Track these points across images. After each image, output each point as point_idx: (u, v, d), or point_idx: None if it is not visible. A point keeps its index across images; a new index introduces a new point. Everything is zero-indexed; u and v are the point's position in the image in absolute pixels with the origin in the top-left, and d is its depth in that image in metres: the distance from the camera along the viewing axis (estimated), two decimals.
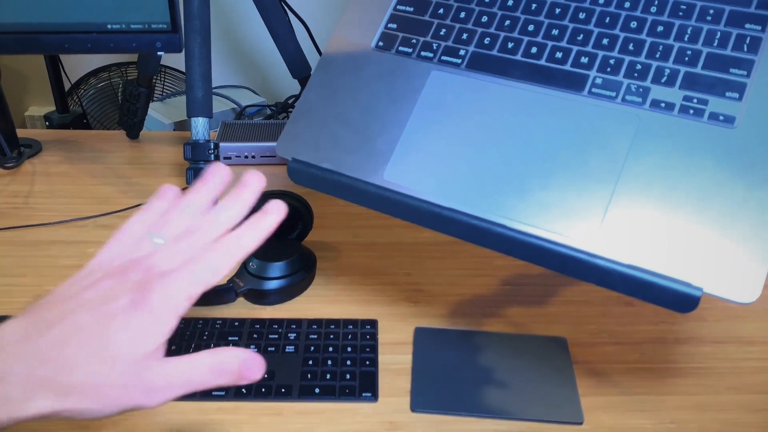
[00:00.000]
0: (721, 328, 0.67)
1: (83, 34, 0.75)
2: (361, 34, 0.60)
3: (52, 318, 0.33)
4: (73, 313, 0.33)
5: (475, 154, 0.52)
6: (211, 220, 0.37)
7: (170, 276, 0.34)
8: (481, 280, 0.74)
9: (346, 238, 0.82)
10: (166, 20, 0.75)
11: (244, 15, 1.62)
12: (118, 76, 1.58)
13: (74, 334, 0.32)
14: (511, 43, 0.55)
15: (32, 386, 0.31)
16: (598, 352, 0.64)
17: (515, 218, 0.48)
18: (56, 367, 0.32)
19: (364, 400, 0.57)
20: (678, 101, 0.49)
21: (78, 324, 0.33)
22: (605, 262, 0.45)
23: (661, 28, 0.52)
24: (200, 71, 0.79)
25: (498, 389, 0.58)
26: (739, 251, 0.44)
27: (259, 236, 0.37)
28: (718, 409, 0.57)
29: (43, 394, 0.31)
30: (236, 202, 0.38)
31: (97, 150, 1.03)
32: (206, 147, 0.80)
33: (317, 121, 0.57)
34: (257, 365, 0.35)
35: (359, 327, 0.65)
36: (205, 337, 0.63)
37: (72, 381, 0.32)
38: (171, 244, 0.36)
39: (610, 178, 0.48)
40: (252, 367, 0.35)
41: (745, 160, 0.46)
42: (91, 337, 0.32)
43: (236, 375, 0.35)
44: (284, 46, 1.01)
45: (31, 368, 0.31)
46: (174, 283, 0.34)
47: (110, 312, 0.33)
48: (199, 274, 0.35)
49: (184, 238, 0.37)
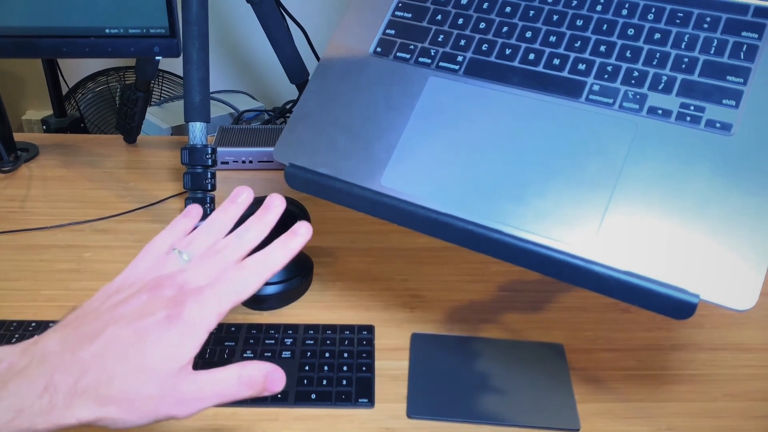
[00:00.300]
0: (717, 335, 0.67)
1: (81, 38, 0.75)
2: (359, 40, 0.60)
3: (90, 331, 0.35)
4: (111, 326, 0.35)
5: (473, 160, 0.52)
6: (236, 240, 0.39)
7: (202, 293, 0.36)
8: (478, 286, 0.74)
9: (343, 243, 0.81)
10: (165, 25, 0.76)
11: (242, 20, 1.62)
12: (115, 81, 1.58)
13: (112, 347, 0.34)
14: (509, 49, 0.55)
15: (74, 395, 0.33)
16: (594, 358, 0.64)
17: (512, 224, 0.49)
18: (96, 378, 0.33)
19: (361, 406, 0.57)
20: (675, 108, 0.49)
21: (116, 337, 0.34)
22: (602, 268, 0.45)
23: (658, 36, 0.52)
24: (198, 76, 0.79)
25: (495, 395, 0.58)
26: (736, 258, 0.44)
27: (287, 256, 0.39)
28: (714, 416, 0.57)
29: (84, 403, 0.33)
30: (259, 223, 0.40)
31: (95, 154, 1.03)
32: (204, 152, 0.80)
33: (315, 127, 0.57)
34: (279, 377, 0.37)
35: (356, 333, 0.65)
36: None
37: (111, 392, 0.33)
38: (198, 261, 0.38)
39: (607, 185, 0.48)
40: (274, 380, 0.37)
41: (742, 168, 0.46)
42: (129, 350, 0.34)
43: (261, 387, 0.36)
44: (282, 51, 1.02)
45: (73, 378, 0.33)
46: (206, 299, 0.36)
47: (146, 326, 0.34)
48: (229, 292, 0.36)
49: (211, 256, 0.38)
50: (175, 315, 0.35)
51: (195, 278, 0.37)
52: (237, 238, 0.39)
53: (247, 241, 0.39)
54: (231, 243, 0.39)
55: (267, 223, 0.40)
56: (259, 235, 0.40)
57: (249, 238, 0.39)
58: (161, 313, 0.35)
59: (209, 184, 0.80)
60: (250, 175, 0.99)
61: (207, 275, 0.37)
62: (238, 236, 0.39)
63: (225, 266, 0.38)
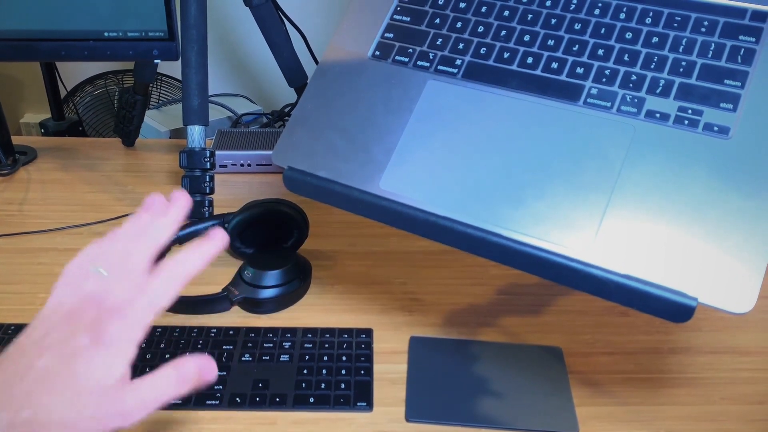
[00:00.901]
0: (716, 338, 0.67)
1: (80, 41, 0.75)
2: (358, 44, 0.60)
3: (21, 368, 0.35)
4: (39, 358, 0.35)
5: (471, 163, 0.52)
6: (143, 241, 0.40)
7: (123, 311, 0.37)
8: (477, 289, 0.74)
9: (342, 246, 0.81)
10: (163, 28, 0.76)
11: (241, 23, 1.62)
12: (114, 84, 1.58)
13: (45, 378, 0.35)
14: (507, 53, 0.55)
15: (17, 428, 0.33)
16: (593, 362, 0.63)
17: (511, 228, 0.49)
18: (34, 411, 0.34)
19: (359, 409, 0.57)
20: (673, 112, 0.49)
21: (47, 369, 0.35)
22: (600, 271, 0.45)
23: (656, 39, 0.52)
24: (197, 79, 0.79)
25: (493, 399, 0.58)
26: (734, 261, 0.44)
27: (202, 262, 0.40)
28: (713, 419, 0.57)
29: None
30: (167, 219, 0.41)
31: (93, 157, 1.03)
32: (202, 155, 0.80)
33: (313, 130, 0.57)
34: (211, 367, 0.39)
35: (354, 336, 0.65)
36: (200, 346, 0.62)
37: (52, 419, 0.34)
38: (115, 274, 0.38)
39: (605, 188, 0.48)
40: (208, 370, 0.39)
41: (740, 171, 0.46)
42: (60, 380, 0.35)
43: (197, 380, 0.38)
44: (281, 54, 1.02)
45: (13, 413, 0.34)
46: (128, 317, 0.37)
47: (73, 352, 0.35)
48: (148, 305, 0.37)
49: (123, 264, 0.39)
50: (98, 339, 0.36)
51: (115, 294, 0.37)
52: (145, 240, 0.40)
53: (154, 239, 0.40)
54: (139, 246, 0.40)
55: (174, 219, 0.41)
56: (167, 230, 0.41)
57: (156, 235, 0.40)
58: (84, 339, 0.36)
59: (208, 188, 0.80)
60: (249, 178, 0.99)
61: (126, 288, 0.38)
62: (147, 237, 0.40)
63: (141, 274, 0.38)
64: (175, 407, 0.56)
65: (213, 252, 0.40)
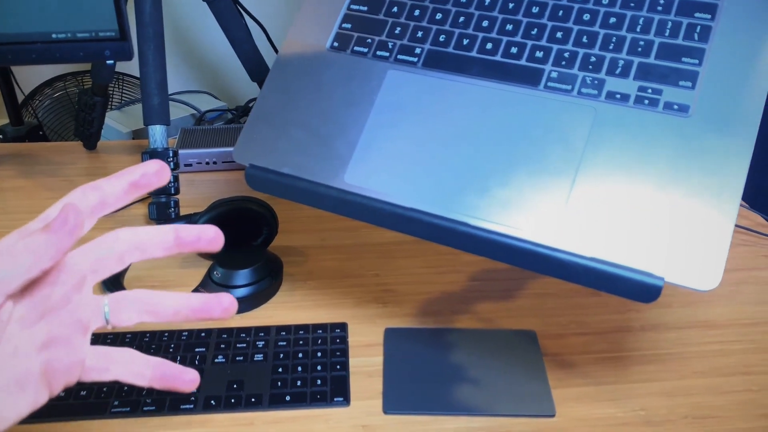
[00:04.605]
0: (686, 313, 0.68)
1: (27, 44, 0.73)
2: (316, 35, 0.59)
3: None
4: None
5: (435, 153, 0.51)
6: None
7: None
8: (450, 277, 0.74)
9: (313, 241, 0.81)
10: (114, 28, 0.73)
11: (200, 18, 1.59)
12: (74, 86, 1.54)
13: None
14: (467, 39, 0.55)
15: None
16: (567, 343, 0.64)
17: (477, 216, 0.48)
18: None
19: (336, 405, 0.57)
20: (633, 92, 0.50)
21: None
22: (567, 255, 0.46)
23: (613, 20, 0.52)
24: (156, 78, 0.78)
25: (470, 386, 0.58)
26: (699, 239, 0.44)
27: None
28: (685, 393, 0.58)
29: None
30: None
31: (54, 162, 1.01)
32: (165, 155, 0.78)
33: (274, 126, 0.56)
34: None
35: (329, 331, 0.64)
36: (171, 350, 0.61)
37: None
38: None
39: (569, 172, 0.48)
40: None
41: (701, 148, 0.47)
42: None
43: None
44: (241, 49, 1.00)
45: None
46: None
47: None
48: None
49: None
50: None
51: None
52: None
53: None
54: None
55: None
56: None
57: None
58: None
59: (173, 188, 0.79)
60: (215, 176, 0.97)
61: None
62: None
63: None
64: (148, 413, 0.55)
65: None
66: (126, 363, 0.36)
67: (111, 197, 0.35)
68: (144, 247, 0.36)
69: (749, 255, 0.79)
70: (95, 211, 0.35)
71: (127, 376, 0.36)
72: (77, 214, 0.32)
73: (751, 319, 0.68)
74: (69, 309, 0.34)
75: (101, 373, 0.35)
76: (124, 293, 0.36)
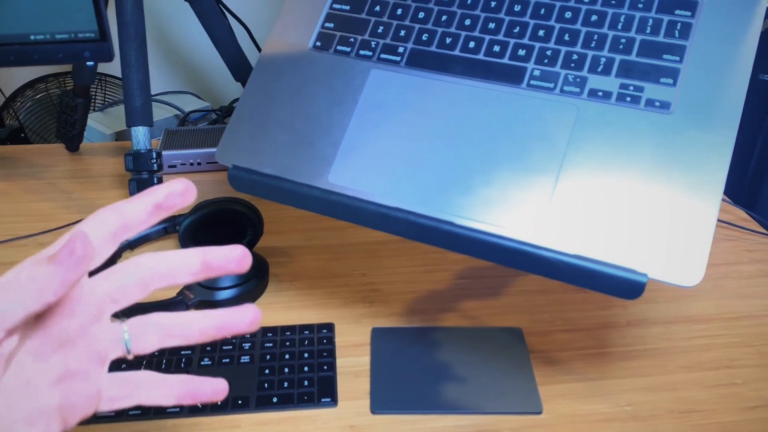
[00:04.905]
0: (671, 308, 0.69)
1: (5, 46, 0.72)
2: (298, 35, 0.59)
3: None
4: None
5: (419, 152, 0.51)
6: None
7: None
8: (436, 276, 0.74)
9: (299, 242, 0.80)
10: (94, 29, 0.72)
11: (183, 18, 1.58)
12: (56, 87, 1.53)
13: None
14: (449, 38, 0.55)
15: None
16: (553, 340, 0.64)
17: (461, 214, 0.48)
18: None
19: (324, 405, 0.57)
20: (615, 89, 0.50)
21: None
22: (551, 253, 0.46)
23: (595, 18, 0.52)
24: (138, 79, 0.77)
25: (457, 384, 0.58)
26: (681, 235, 0.44)
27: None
28: (671, 388, 0.59)
29: None
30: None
31: (36, 165, 1.00)
32: (149, 157, 0.77)
33: (257, 126, 0.56)
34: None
35: (315, 332, 0.64)
36: (157, 354, 0.61)
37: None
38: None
39: (552, 169, 0.48)
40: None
41: (682, 144, 0.47)
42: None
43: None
44: (224, 49, 0.99)
45: None
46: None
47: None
48: None
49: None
50: None
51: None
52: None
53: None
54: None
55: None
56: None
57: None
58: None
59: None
60: (199, 177, 0.97)
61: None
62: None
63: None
64: (135, 417, 0.55)
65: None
66: (150, 387, 0.34)
67: (133, 221, 0.33)
68: (169, 274, 0.33)
69: (732, 250, 0.80)
70: (117, 236, 0.33)
71: (153, 399, 0.34)
72: (86, 244, 0.30)
73: (735, 313, 0.68)
74: (86, 341, 0.32)
75: (125, 401, 0.34)
76: (143, 318, 0.34)
